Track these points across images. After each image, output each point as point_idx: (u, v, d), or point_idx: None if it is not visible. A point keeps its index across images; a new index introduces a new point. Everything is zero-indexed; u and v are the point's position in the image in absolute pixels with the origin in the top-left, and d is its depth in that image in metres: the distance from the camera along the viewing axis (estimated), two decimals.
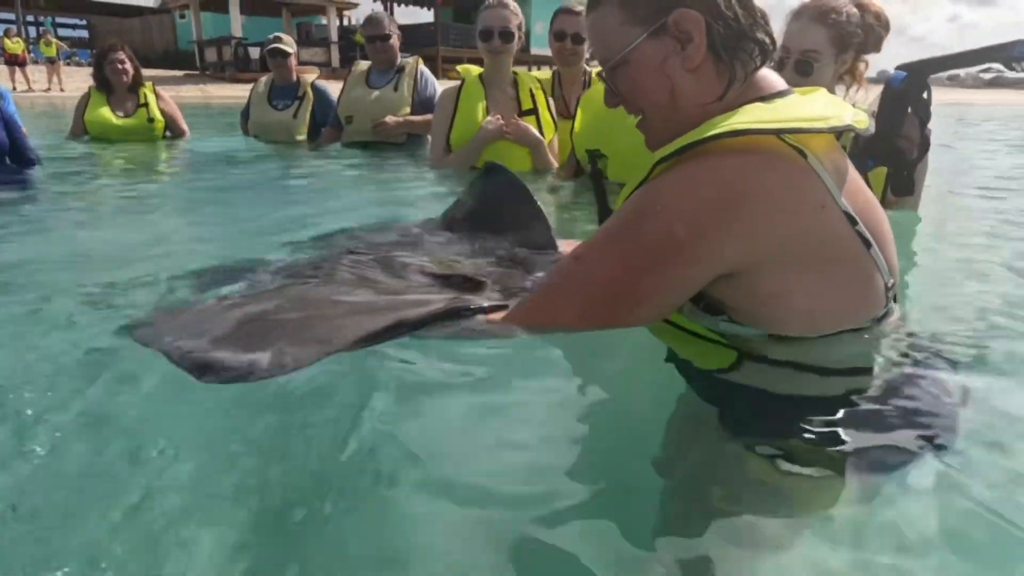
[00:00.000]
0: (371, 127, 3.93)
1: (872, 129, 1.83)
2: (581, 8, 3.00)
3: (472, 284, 1.18)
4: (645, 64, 0.99)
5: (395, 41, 4.01)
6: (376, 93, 3.99)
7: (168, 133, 4.51)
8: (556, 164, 2.98)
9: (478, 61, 3.16)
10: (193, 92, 17.28)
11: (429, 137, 4.01)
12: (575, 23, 2.96)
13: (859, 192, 0.97)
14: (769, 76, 1.01)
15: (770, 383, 0.96)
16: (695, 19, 0.95)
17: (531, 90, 3.04)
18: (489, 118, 2.93)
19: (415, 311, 0.93)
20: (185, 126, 4.60)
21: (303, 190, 2.95)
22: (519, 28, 2.94)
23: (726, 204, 0.86)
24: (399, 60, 4.07)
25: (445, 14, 26.55)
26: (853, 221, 0.91)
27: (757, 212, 0.87)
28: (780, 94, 0.98)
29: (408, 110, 3.94)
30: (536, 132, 2.95)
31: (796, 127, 0.88)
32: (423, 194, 2.80)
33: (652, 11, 0.97)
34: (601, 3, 1.02)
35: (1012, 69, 1.64)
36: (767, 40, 0.99)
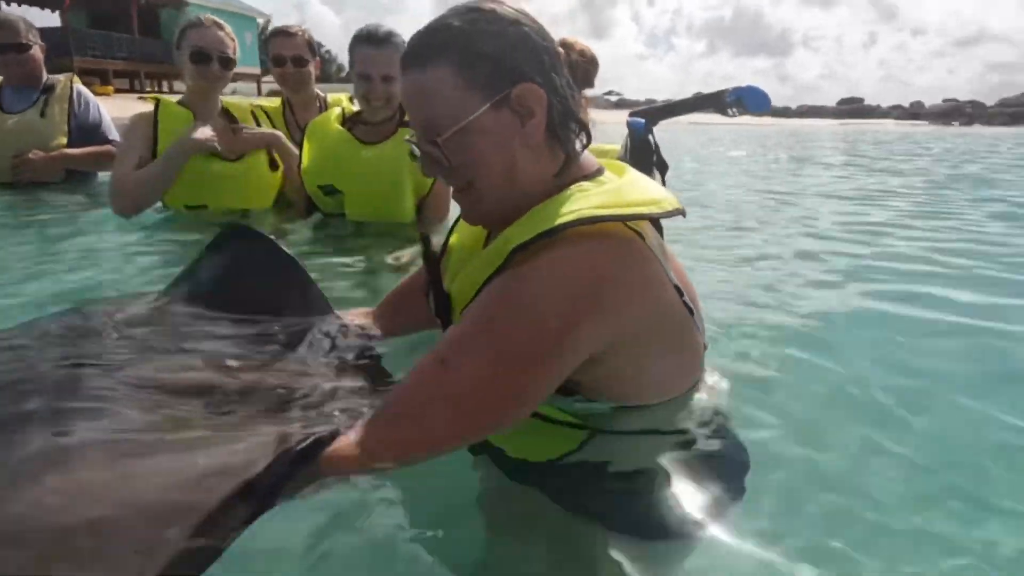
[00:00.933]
0: (10, 164, 3.07)
1: None
2: (298, 29, 2.71)
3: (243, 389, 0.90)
4: (484, 137, 0.92)
5: (37, 52, 3.20)
6: (14, 119, 3.13)
7: None
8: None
9: (125, 75, 2.61)
10: None
11: (102, 174, 3.27)
12: (293, 45, 2.67)
13: (675, 263, 1.03)
14: (583, 153, 1.01)
15: (615, 455, 0.96)
16: (538, 95, 0.91)
17: (252, 111, 2.63)
18: (195, 123, 2.44)
19: (234, 483, 0.64)
20: None
21: None
22: (235, 53, 2.53)
23: (595, 291, 0.84)
24: (46, 77, 3.25)
25: (78, 19, 22.68)
26: (680, 292, 0.95)
27: (620, 296, 0.86)
28: (599, 171, 1.00)
29: (64, 140, 3.18)
30: (266, 129, 2.57)
31: (640, 213, 0.89)
32: (106, 249, 2.23)
33: (494, 80, 0.90)
34: (429, 63, 0.91)
35: (727, 115, 1.85)
36: (585, 121, 0.99)
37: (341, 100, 2.65)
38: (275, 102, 2.89)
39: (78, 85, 3.32)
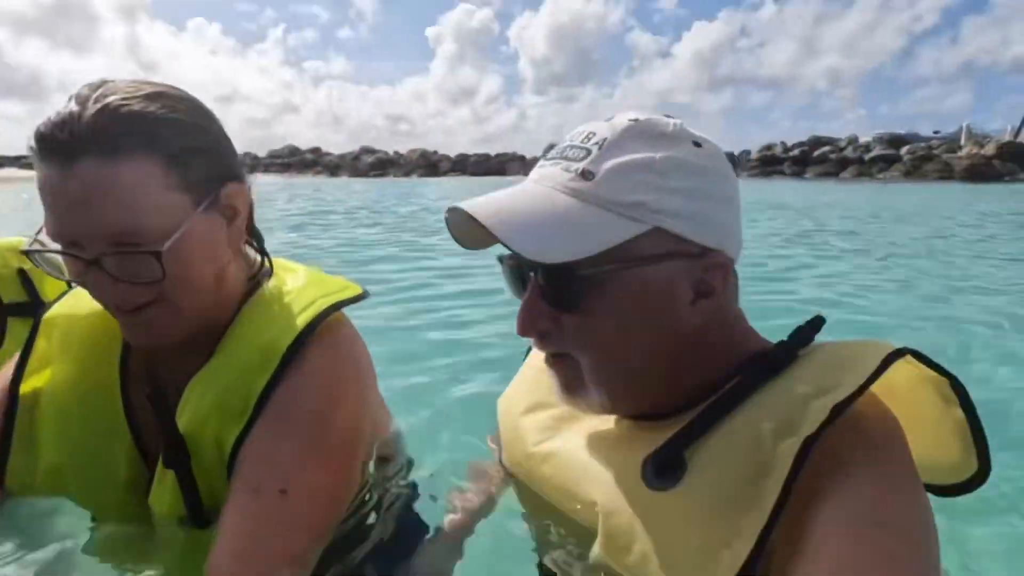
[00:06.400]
0: None
1: None
2: None
3: None
4: (199, 244, 0.79)
5: None
6: None
7: None
8: None
9: None
10: None
11: None
12: None
13: None
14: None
15: None
16: (242, 193, 0.84)
17: None
18: None
19: None
20: None
21: None
22: None
23: (364, 376, 0.92)
24: None
25: None
26: None
27: (371, 375, 0.95)
28: (269, 265, 0.95)
29: None
30: None
31: (353, 295, 0.91)
32: None
33: (205, 179, 0.79)
34: (123, 152, 0.72)
35: None
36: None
37: None
38: None
39: None
